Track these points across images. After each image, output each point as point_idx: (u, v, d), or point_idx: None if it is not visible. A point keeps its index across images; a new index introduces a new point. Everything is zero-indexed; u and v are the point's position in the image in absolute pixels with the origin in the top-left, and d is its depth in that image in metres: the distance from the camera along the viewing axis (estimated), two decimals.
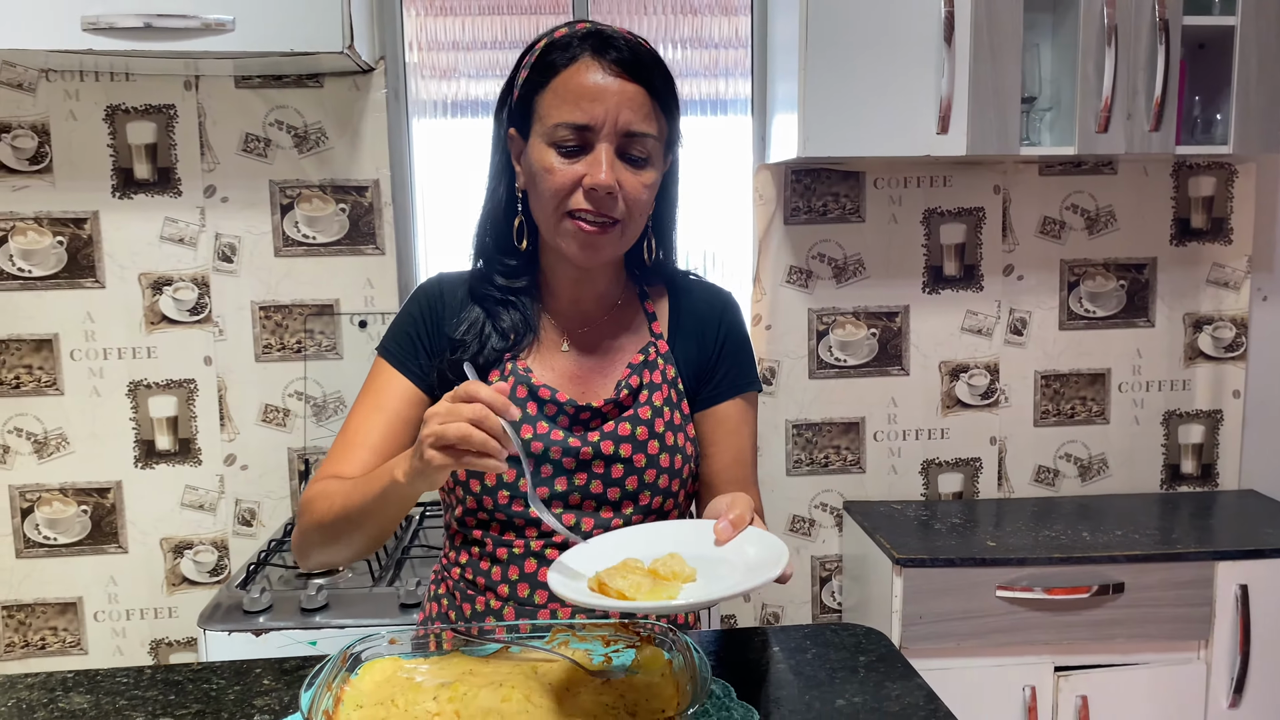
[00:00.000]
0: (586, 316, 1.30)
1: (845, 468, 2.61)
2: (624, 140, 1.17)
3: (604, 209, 1.17)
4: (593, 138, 1.16)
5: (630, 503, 1.24)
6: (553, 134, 1.17)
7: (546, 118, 1.17)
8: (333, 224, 2.42)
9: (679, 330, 1.32)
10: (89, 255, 2.38)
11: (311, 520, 1.20)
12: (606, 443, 1.23)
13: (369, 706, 0.97)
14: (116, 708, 1.06)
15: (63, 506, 2.45)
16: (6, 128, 2.33)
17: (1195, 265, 2.61)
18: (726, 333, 1.33)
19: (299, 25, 2.00)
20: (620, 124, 1.16)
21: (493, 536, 1.25)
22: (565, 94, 1.16)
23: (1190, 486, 2.69)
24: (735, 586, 0.94)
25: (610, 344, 1.30)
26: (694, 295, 1.35)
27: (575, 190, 1.17)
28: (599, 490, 1.23)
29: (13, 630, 2.47)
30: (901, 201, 2.54)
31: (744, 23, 2.55)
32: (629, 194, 1.18)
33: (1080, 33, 2.19)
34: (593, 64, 1.16)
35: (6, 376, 2.39)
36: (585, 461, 1.23)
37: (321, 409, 2.45)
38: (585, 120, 1.15)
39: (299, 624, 1.83)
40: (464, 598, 1.28)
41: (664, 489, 1.25)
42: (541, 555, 1.23)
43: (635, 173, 1.18)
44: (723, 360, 1.32)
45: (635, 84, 1.16)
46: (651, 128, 1.18)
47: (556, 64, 1.17)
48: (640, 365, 1.27)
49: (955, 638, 2.17)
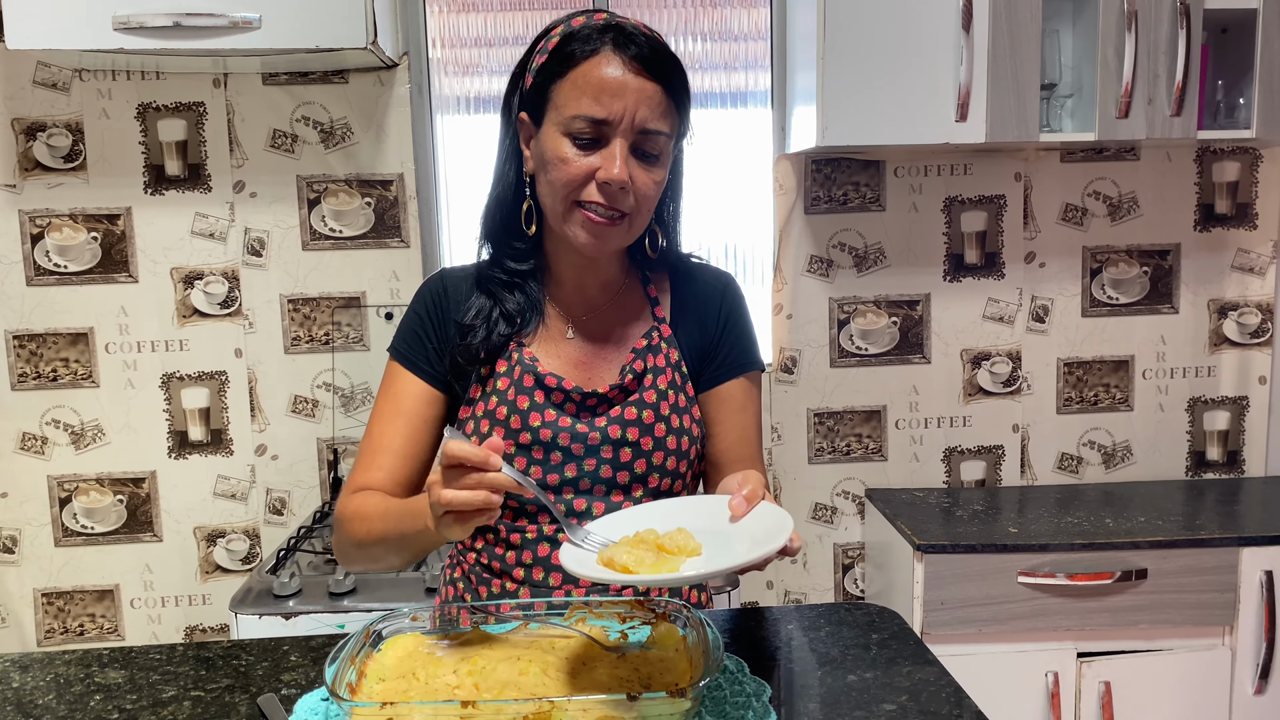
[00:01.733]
0: (590, 303, 1.32)
1: (867, 456, 2.62)
2: (639, 137, 1.18)
3: (615, 203, 1.19)
4: (609, 132, 1.17)
5: (639, 485, 1.27)
6: (569, 124, 1.18)
7: (564, 108, 1.19)
8: (359, 218, 2.46)
9: (681, 313, 1.34)
10: (122, 250, 2.44)
11: (349, 540, 1.26)
12: (614, 427, 1.25)
13: (391, 680, 1.00)
14: (150, 682, 1.10)
15: (99, 496, 2.51)
16: (42, 127, 2.39)
17: (1220, 251, 2.60)
18: (728, 313, 1.35)
19: (324, 22, 2.04)
20: (637, 121, 1.17)
21: (506, 523, 1.28)
22: (584, 86, 1.17)
23: (1215, 473, 2.68)
24: (737, 559, 0.95)
25: (614, 330, 1.32)
26: (695, 278, 1.36)
27: (588, 182, 1.18)
28: (608, 475, 1.25)
29: (52, 617, 2.54)
30: (922, 190, 2.54)
31: (764, 15, 2.56)
32: (639, 190, 1.19)
33: (1100, 18, 2.18)
34: (613, 58, 1.17)
35: (44, 369, 2.46)
36: (593, 447, 1.25)
37: (349, 400, 2.50)
38: (604, 115, 1.16)
39: (327, 608, 1.88)
40: (480, 581, 1.31)
41: (671, 471, 1.28)
42: (554, 540, 1.26)
43: (647, 170, 1.20)
44: (724, 341, 1.34)
45: (654, 82, 1.17)
46: (666, 126, 1.20)
47: (576, 55, 1.18)
48: (644, 350, 1.29)
49: (977, 624, 2.18)
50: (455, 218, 2.59)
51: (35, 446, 2.48)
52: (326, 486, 2.52)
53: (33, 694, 1.09)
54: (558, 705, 0.90)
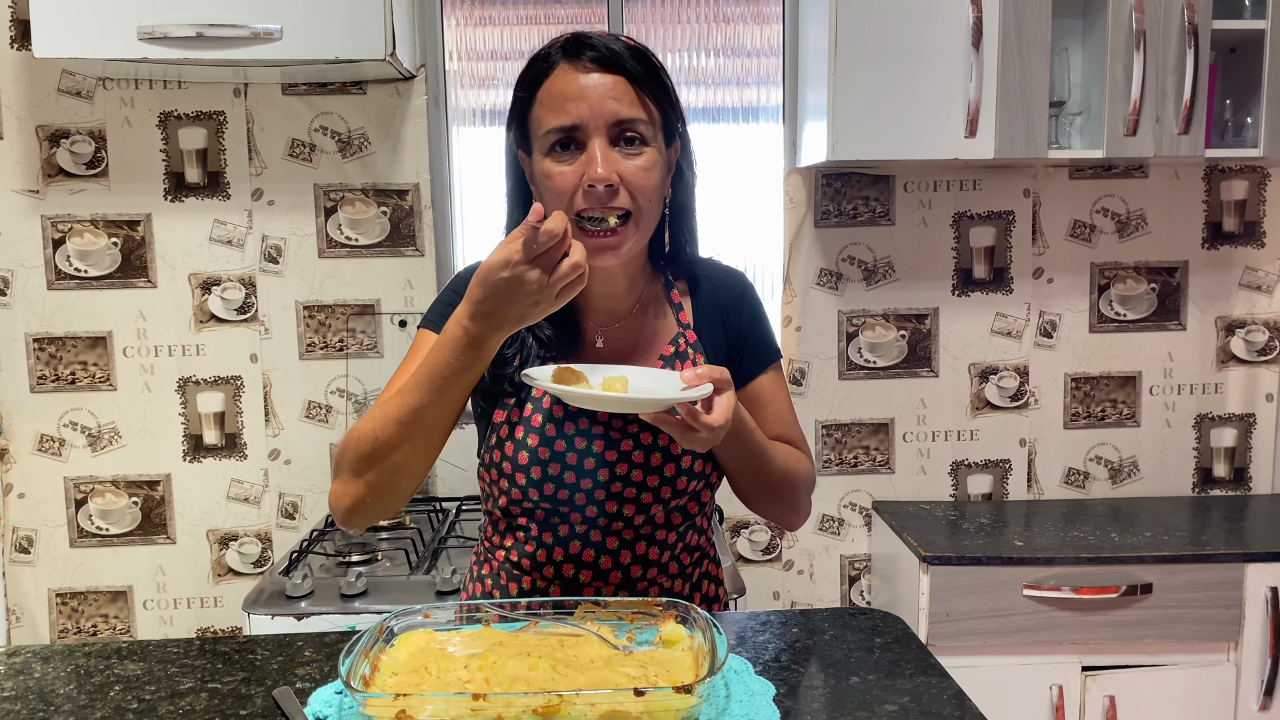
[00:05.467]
0: (616, 313, 1.33)
1: (874, 468, 2.64)
2: (614, 130, 1.18)
3: (609, 203, 1.18)
4: (583, 136, 1.18)
5: (668, 488, 1.28)
6: (545, 142, 1.20)
7: (538, 128, 1.21)
8: (374, 226, 2.50)
9: (704, 318, 1.36)
10: (142, 256, 2.48)
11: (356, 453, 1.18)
12: (645, 434, 1.27)
13: (404, 674, 1.03)
14: (167, 674, 1.13)
15: (114, 498, 2.54)
16: (65, 134, 2.43)
17: (1227, 269, 2.61)
18: (749, 314, 1.37)
19: (344, 34, 2.08)
20: (607, 115, 1.18)
21: (538, 522, 1.30)
22: (550, 102, 1.19)
23: (1222, 490, 2.69)
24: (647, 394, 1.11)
25: (641, 338, 1.33)
26: (713, 281, 1.38)
27: (578, 190, 1.18)
28: (639, 479, 1.27)
29: (65, 617, 2.57)
30: (931, 205, 2.57)
31: (776, 31, 2.59)
32: (631, 180, 1.19)
33: (1109, 37, 2.21)
34: (568, 68, 1.20)
35: (63, 372, 2.49)
36: (626, 453, 1.27)
37: (363, 406, 2.53)
38: (570, 121, 1.18)
39: (339, 609, 1.90)
40: (510, 578, 1.34)
41: (700, 473, 1.30)
42: (585, 538, 1.28)
43: (632, 158, 1.19)
44: (749, 341, 1.37)
45: (613, 75, 1.19)
46: (639, 112, 1.19)
47: (538, 77, 1.21)
48: (671, 356, 1.32)
49: (982, 636, 2.19)
50: (470, 227, 2.62)
51: (53, 448, 2.51)
52: None
53: (54, 684, 1.12)
54: (566, 699, 0.92)
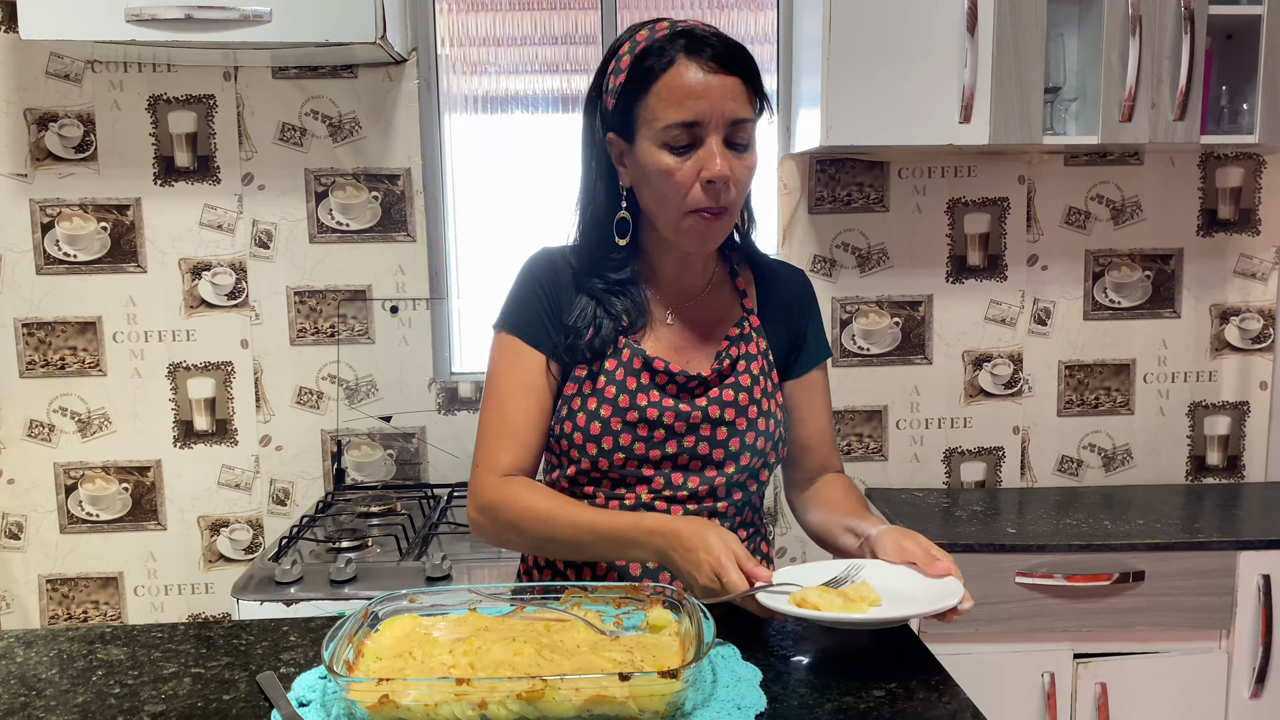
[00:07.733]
0: (687, 292, 1.39)
1: (868, 455, 2.63)
2: (730, 129, 1.24)
3: (720, 199, 1.25)
4: (702, 132, 1.24)
5: (732, 463, 1.34)
6: (664, 135, 1.24)
7: (655, 121, 1.24)
8: (365, 211, 2.48)
9: (768, 308, 1.43)
10: (131, 241, 2.46)
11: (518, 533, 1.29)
12: (714, 408, 1.33)
13: (388, 659, 1.02)
14: (151, 659, 1.12)
15: (105, 484, 2.53)
16: (54, 117, 2.41)
17: (1222, 256, 2.61)
18: (810, 309, 1.47)
19: (333, 17, 2.07)
20: (726, 115, 1.23)
21: (605, 491, 1.34)
22: (670, 96, 1.23)
23: (1216, 478, 2.68)
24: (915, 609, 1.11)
25: (709, 318, 1.39)
26: (778, 275, 1.46)
27: (695, 185, 1.24)
28: (705, 451, 1.33)
29: (56, 603, 2.56)
30: (926, 191, 2.55)
31: (770, 18, 2.58)
32: (737, 179, 1.26)
33: (1105, 22, 2.19)
34: (690, 64, 1.23)
35: (52, 358, 2.48)
36: (694, 425, 1.33)
37: (354, 392, 2.51)
38: (694, 117, 1.23)
39: (328, 595, 1.89)
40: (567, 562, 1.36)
41: (761, 449, 1.36)
42: (651, 507, 1.33)
43: (740, 157, 1.26)
44: (809, 333, 1.46)
45: (733, 76, 1.24)
46: (751, 113, 1.27)
47: (655, 69, 1.24)
48: (737, 338, 1.38)
49: (974, 623, 2.18)
50: (461, 213, 2.61)
51: (42, 434, 2.50)
52: (330, 477, 2.54)
53: (36, 669, 1.11)
54: (550, 684, 0.91)
